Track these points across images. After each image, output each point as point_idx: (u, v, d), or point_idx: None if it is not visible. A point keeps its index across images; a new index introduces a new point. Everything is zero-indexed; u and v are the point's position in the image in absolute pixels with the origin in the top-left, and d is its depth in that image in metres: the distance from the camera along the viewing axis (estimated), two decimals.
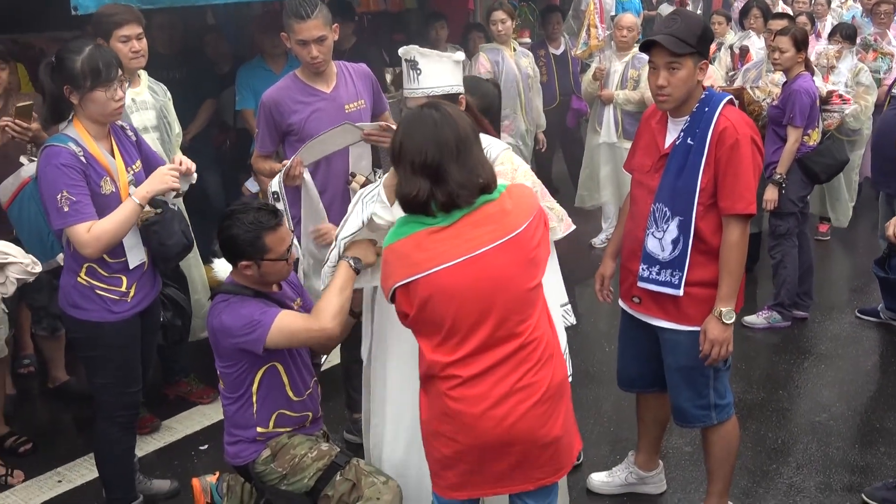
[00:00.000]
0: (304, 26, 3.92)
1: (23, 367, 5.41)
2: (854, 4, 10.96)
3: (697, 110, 3.45)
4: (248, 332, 3.24)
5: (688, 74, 3.39)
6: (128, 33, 4.25)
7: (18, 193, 3.82)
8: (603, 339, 5.87)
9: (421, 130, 2.67)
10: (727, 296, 3.44)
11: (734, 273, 3.43)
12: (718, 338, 3.45)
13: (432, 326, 2.69)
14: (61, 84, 3.47)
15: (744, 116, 3.50)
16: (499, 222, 2.67)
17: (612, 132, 7.32)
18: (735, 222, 3.41)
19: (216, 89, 6.59)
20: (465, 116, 2.82)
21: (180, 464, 4.54)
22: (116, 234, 3.49)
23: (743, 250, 3.44)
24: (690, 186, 3.41)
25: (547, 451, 2.76)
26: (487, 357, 2.67)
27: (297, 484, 3.40)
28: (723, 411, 3.68)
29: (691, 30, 3.38)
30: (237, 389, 3.42)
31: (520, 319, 2.69)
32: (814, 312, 6.23)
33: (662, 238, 3.50)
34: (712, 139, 3.37)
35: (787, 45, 5.74)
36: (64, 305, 3.66)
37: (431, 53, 3.39)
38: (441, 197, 2.63)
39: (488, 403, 2.67)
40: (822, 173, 5.95)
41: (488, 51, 7.01)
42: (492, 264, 2.64)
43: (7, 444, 4.61)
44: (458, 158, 2.64)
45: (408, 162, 2.65)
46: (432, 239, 2.64)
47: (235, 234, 3.28)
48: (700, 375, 3.60)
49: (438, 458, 2.81)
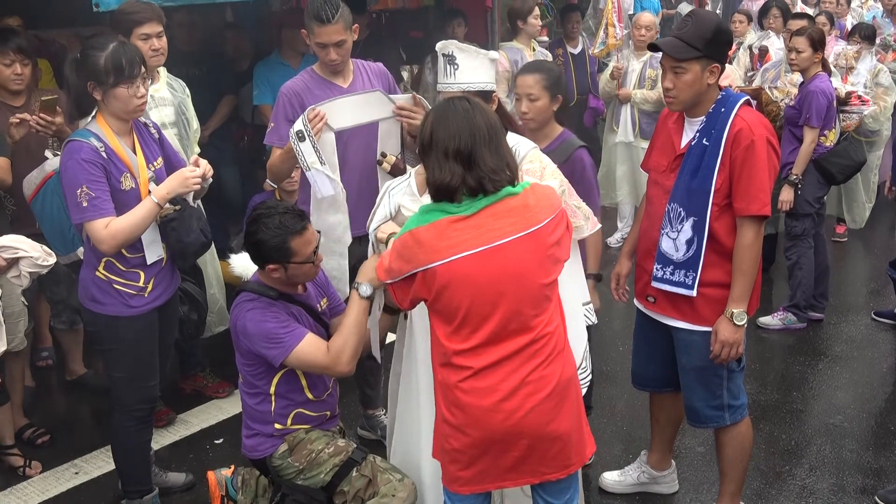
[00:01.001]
0: (325, 30, 3.93)
1: (41, 359, 5.47)
2: (875, 4, 10.89)
3: (713, 111, 3.44)
4: (268, 347, 3.30)
5: (693, 78, 3.39)
6: (148, 31, 4.29)
7: (42, 187, 3.88)
8: (617, 338, 5.87)
9: (454, 118, 2.71)
10: (739, 297, 3.43)
11: (747, 274, 3.42)
12: (729, 339, 3.44)
13: (447, 314, 2.72)
14: (85, 80, 3.51)
15: (760, 117, 3.48)
16: (521, 215, 2.70)
17: (629, 131, 7.32)
18: (749, 223, 3.40)
19: (235, 86, 6.63)
20: (492, 110, 2.86)
21: (196, 457, 4.57)
22: (133, 232, 3.53)
23: (756, 252, 3.42)
24: (705, 187, 3.40)
25: (555, 445, 2.78)
26: (499, 349, 2.70)
27: (314, 479, 3.43)
28: (736, 412, 3.66)
29: (700, 33, 3.36)
30: (256, 386, 3.45)
31: (534, 314, 2.71)
32: (829, 314, 6.21)
33: (677, 238, 3.49)
34: (727, 140, 3.36)
35: (803, 45, 5.73)
36: (83, 299, 3.70)
37: (469, 49, 3.42)
38: (472, 182, 2.66)
39: (498, 396, 2.70)
40: (838, 174, 5.92)
41: (507, 49, 7.00)
42: (510, 256, 2.67)
43: (25, 435, 4.66)
44: (490, 145, 2.69)
45: (441, 149, 2.68)
46: (454, 228, 2.67)
47: (262, 238, 3.30)
48: (713, 376, 3.59)
49: (448, 451, 2.84)
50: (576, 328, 3.37)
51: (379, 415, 4.62)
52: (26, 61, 4.55)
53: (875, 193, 7.62)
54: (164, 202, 3.57)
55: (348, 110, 3.93)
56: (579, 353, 3.39)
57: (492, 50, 3.66)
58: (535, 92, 3.89)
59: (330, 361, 3.29)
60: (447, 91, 3.41)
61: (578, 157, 3.97)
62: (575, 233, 3.42)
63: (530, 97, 3.90)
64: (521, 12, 7.04)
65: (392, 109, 3.97)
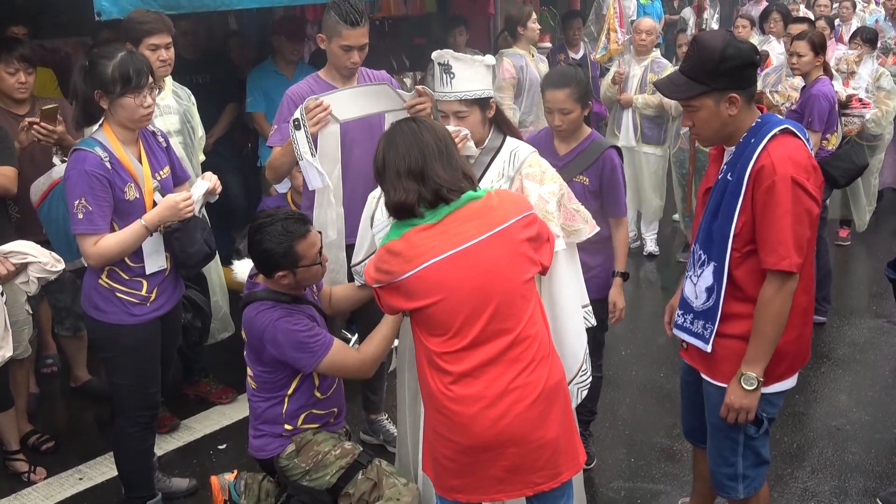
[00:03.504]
0: (354, 33, 3.93)
1: (46, 366, 5.51)
2: (877, 8, 10.91)
3: (743, 141, 2.98)
4: (300, 355, 3.33)
5: (708, 115, 2.99)
6: (157, 42, 4.32)
7: (49, 193, 3.90)
8: (619, 342, 5.88)
9: (402, 139, 2.77)
10: (752, 358, 2.99)
11: (764, 334, 2.96)
12: (734, 403, 3.03)
13: (426, 321, 2.74)
14: (92, 88, 3.52)
15: (793, 151, 2.91)
16: (485, 217, 2.72)
17: (630, 136, 7.34)
18: (770, 277, 2.93)
19: (239, 93, 6.66)
20: (441, 125, 2.90)
21: (199, 462, 4.59)
22: (120, 253, 3.56)
23: (777, 310, 2.93)
24: (725, 230, 2.98)
25: (543, 453, 2.76)
26: (480, 352, 2.70)
27: (320, 480, 3.45)
28: (751, 484, 3.22)
29: (703, 65, 2.94)
30: (271, 391, 3.47)
31: (511, 314, 2.72)
32: (832, 317, 6.21)
33: (697, 284, 3.13)
34: (750, 178, 2.90)
35: (804, 49, 5.75)
36: (85, 306, 3.72)
37: (465, 57, 3.42)
38: (428, 195, 2.70)
39: (483, 404, 2.70)
40: (840, 177, 5.93)
41: (511, 55, 7.01)
42: (480, 257, 2.69)
43: (30, 442, 4.68)
44: (441, 158, 2.74)
45: (393, 170, 2.74)
46: (421, 236, 2.70)
47: (267, 247, 3.32)
48: (726, 438, 3.17)
49: (438, 457, 2.84)
50: (575, 331, 3.38)
51: (382, 420, 4.63)
52: (30, 70, 4.59)
53: (876, 197, 7.63)
54: (153, 228, 3.58)
55: (355, 101, 3.92)
56: (579, 356, 3.39)
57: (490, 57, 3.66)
58: (568, 106, 3.92)
59: (359, 365, 3.39)
60: (444, 100, 3.43)
61: (608, 156, 4.01)
62: (574, 236, 3.44)
63: (563, 111, 3.93)
64: (519, 18, 7.06)
65: (402, 105, 3.95)
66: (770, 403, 3.12)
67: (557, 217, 3.33)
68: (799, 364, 3.15)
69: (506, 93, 6.76)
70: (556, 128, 4.00)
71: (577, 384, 3.41)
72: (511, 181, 3.39)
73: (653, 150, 7.35)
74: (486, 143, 3.48)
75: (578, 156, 4.02)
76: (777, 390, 3.12)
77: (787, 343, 3.04)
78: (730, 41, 2.94)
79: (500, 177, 3.41)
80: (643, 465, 4.49)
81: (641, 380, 5.45)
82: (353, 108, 3.92)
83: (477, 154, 3.43)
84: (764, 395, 3.06)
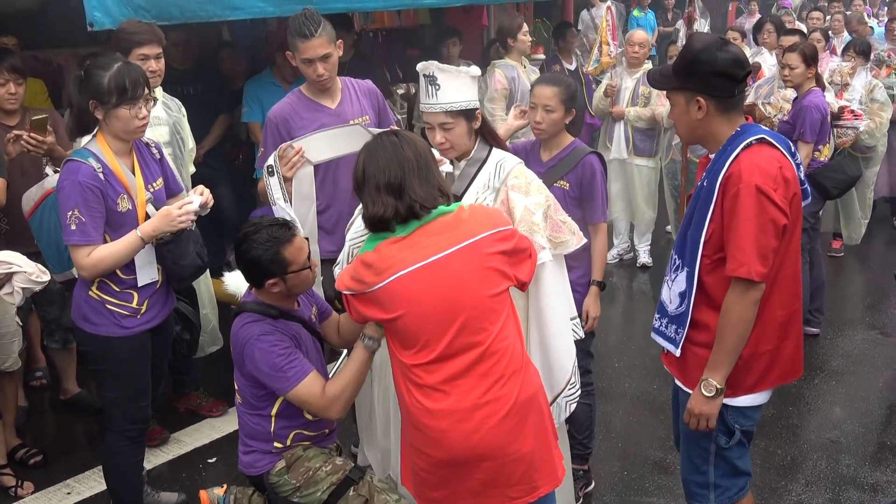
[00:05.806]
0: (309, 45, 3.95)
1: (35, 379, 5.46)
2: (871, 20, 10.94)
3: (721, 149, 3.00)
4: (272, 379, 3.28)
5: (679, 111, 3.06)
6: (147, 52, 4.30)
7: (40, 204, 3.88)
8: (613, 354, 5.86)
9: (383, 153, 2.77)
10: (712, 364, 2.97)
11: (723, 342, 2.94)
12: (694, 409, 3.02)
13: (397, 332, 2.75)
14: (87, 98, 3.50)
15: (763, 161, 2.90)
16: (454, 230, 2.73)
17: (622, 148, 7.36)
18: (733, 284, 2.91)
19: (230, 105, 6.65)
20: (422, 140, 2.90)
21: (189, 476, 4.56)
22: (115, 264, 3.53)
23: (737, 320, 2.91)
24: (696, 236, 3.00)
25: (519, 467, 2.75)
26: (449, 366, 2.70)
27: (311, 497, 3.41)
28: (724, 494, 3.17)
29: (678, 63, 3.02)
30: (256, 407, 3.43)
31: (480, 327, 2.71)
32: (826, 329, 6.21)
33: (671, 288, 3.14)
34: (720, 186, 2.92)
35: (796, 61, 5.76)
36: (75, 318, 3.69)
37: (450, 69, 3.42)
38: (403, 210, 2.72)
39: (455, 418, 2.69)
40: (833, 188, 5.94)
41: (503, 66, 6.99)
42: (447, 270, 2.69)
43: (18, 455, 4.64)
44: (420, 174, 2.75)
45: (373, 184, 2.75)
46: (391, 249, 2.72)
47: (255, 255, 3.28)
48: (697, 447, 3.16)
49: (416, 470, 2.84)
50: (563, 343, 3.36)
51: None
52: (20, 81, 4.57)
53: (871, 209, 7.64)
54: (148, 239, 3.56)
55: (328, 143, 3.93)
56: (567, 368, 3.37)
57: (486, 67, 3.67)
58: (552, 104, 3.95)
59: (324, 406, 3.26)
60: (430, 112, 3.43)
61: (588, 161, 4.02)
62: (561, 247, 3.43)
63: (546, 108, 3.96)
64: (510, 30, 7.05)
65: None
66: (742, 415, 3.08)
67: (544, 228, 3.32)
68: (775, 379, 3.08)
69: (497, 104, 6.76)
70: (535, 125, 4.01)
71: (566, 397, 3.40)
72: (497, 192, 3.38)
73: (645, 162, 7.37)
74: (471, 154, 3.48)
75: (560, 161, 4.04)
76: (748, 404, 3.08)
77: (756, 355, 3.01)
78: (710, 46, 2.94)
79: (485, 188, 3.41)
80: (636, 477, 4.47)
81: (634, 392, 5.44)
82: (327, 150, 3.95)
83: (452, 171, 3.43)
84: (735, 407, 3.04)
